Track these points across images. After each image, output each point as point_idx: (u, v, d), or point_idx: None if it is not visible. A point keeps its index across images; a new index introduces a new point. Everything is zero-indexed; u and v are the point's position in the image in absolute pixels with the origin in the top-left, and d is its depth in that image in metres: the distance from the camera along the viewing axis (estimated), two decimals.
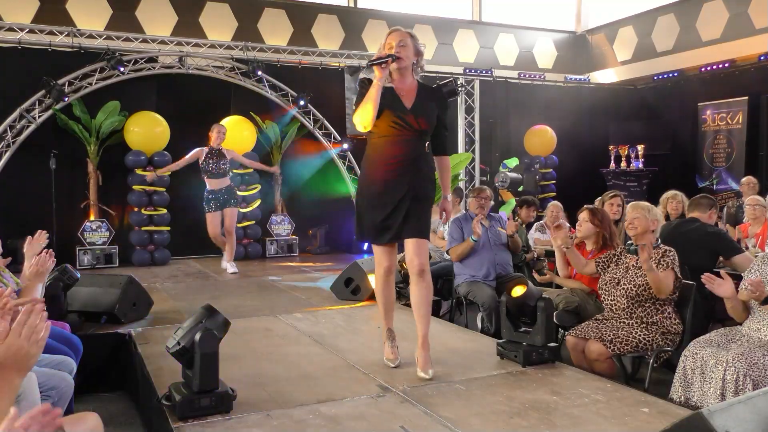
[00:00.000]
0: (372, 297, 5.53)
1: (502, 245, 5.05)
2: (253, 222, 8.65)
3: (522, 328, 3.43)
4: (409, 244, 3.29)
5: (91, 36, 8.08)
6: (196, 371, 2.60)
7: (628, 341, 3.42)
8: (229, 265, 7.13)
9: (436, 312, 5.27)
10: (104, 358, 4.16)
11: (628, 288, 3.56)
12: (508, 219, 5.21)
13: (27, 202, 7.56)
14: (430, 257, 5.85)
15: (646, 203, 3.82)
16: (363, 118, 3.21)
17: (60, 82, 7.51)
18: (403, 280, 5.62)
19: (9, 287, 2.96)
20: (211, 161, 6.89)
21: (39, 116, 7.55)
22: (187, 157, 6.95)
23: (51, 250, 3.11)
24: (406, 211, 3.26)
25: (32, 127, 7.51)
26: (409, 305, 5.21)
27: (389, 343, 3.47)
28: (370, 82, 3.25)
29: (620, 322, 3.56)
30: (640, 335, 3.44)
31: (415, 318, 3.36)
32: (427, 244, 3.35)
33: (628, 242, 3.77)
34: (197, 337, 2.58)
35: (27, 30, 7.83)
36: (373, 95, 3.16)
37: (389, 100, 3.25)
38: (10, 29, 7.81)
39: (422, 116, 3.27)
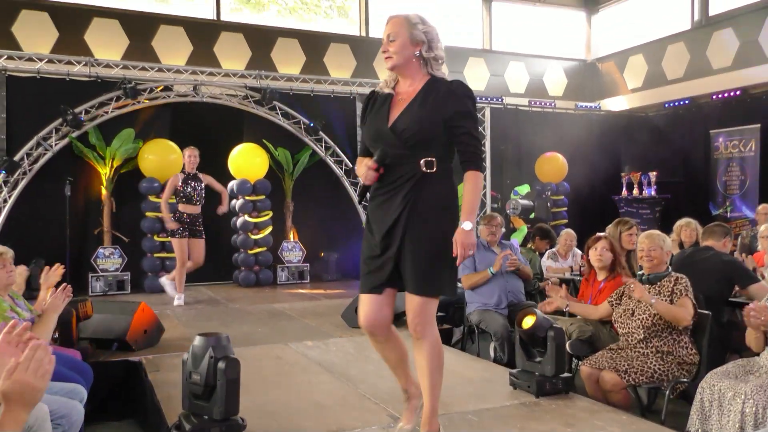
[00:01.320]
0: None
1: (513, 273, 5.02)
2: (265, 249, 8.66)
3: (536, 357, 3.39)
4: (406, 296, 2.59)
5: (108, 65, 8.24)
6: (218, 399, 2.58)
7: (643, 371, 3.37)
8: (177, 295, 6.78)
9: (447, 340, 5.23)
10: (114, 386, 4.14)
11: (643, 318, 3.52)
12: (509, 254, 5.11)
13: (42, 228, 7.64)
14: None
15: (660, 233, 3.78)
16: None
17: (77, 110, 7.64)
18: None
19: (24, 318, 2.97)
20: (188, 187, 6.69)
21: (56, 144, 7.67)
22: (166, 192, 6.75)
23: (69, 285, 3.14)
24: (396, 253, 2.53)
25: (49, 154, 7.63)
26: None
27: (405, 404, 2.87)
28: (373, 95, 2.73)
29: (635, 352, 3.50)
30: (655, 365, 3.39)
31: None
32: (428, 301, 2.55)
33: (640, 272, 3.73)
34: (221, 365, 2.58)
35: (46, 60, 8.00)
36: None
37: (379, 113, 2.64)
38: (30, 59, 7.98)
39: (406, 125, 2.53)
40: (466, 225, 2.49)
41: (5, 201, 7.40)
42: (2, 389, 1.55)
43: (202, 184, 6.82)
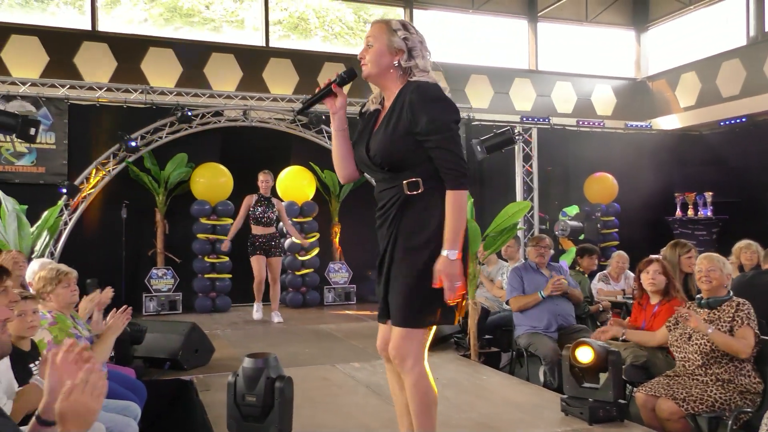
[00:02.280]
0: (429, 346, 5.44)
1: (563, 296, 4.92)
2: (312, 270, 8.74)
3: (585, 383, 3.30)
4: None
5: (162, 93, 8.55)
6: (275, 419, 2.61)
7: (703, 400, 3.22)
8: (275, 315, 7.17)
9: (495, 364, 5.14)
10: (166, 405, 4.22)
11: (701, 344, 3.37)
12: (556, 278, 4.98)
13: (100, 249, 7.92)
14: (488, 309, 5.73)
15: (719, 256, 3.63)
16: (335, 169, 2.55)
17: (133, 136, 7.93)
18: (462, 329, 5.53)
19: (83, 337, 3.08)
20: (259, 208, 7.05)
21: (113, 168, 7.97)
22: (241, 212, 7.15)
23: (129, 307, 3.23)
24: (386, 280, 2.37)
25: (107, 178, 7.93)
26: (467, 355, 5.12)
27: None
28: (361, 114, 2.51)
29: (693, 380, 3.36)
30: (716, 394, 3.24)
31: None
32: (408, 332, 2.31)
33: (698, 296, 3.60)
34: (279, 384, 2.60)
35: (105, 88, 8.36)
36: (333, 141, 2.48)
37: (364, 132, 2.44)
38: (90, 88, 8.36)
39: (376, 148, 2.33)
40: (449, 254, 2.21)
41: (66, 224, 7.70)
42: (59, 409, 1.60)
43: (275, 209, 7.12)
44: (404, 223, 2.31)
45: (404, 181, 2.29)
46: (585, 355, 3.26)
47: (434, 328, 2.40)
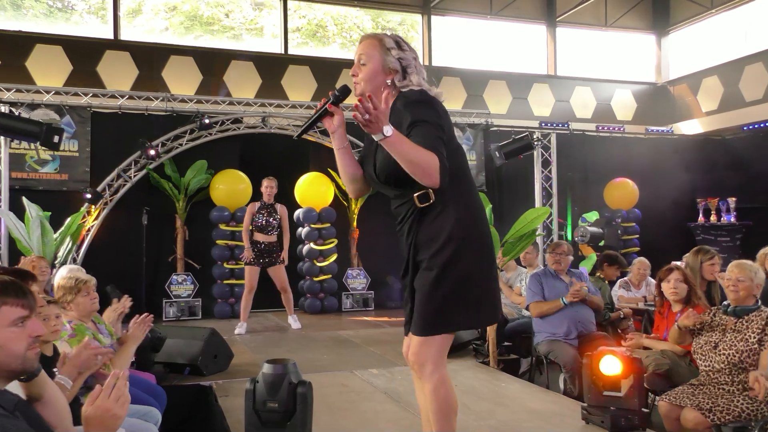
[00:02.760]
0: (447, 353, 5.41)
1: (583, 302, 4.87)
2: (330, 276, 8.75)
3: (606, 391, 3.25)
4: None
5: (183, 100, 8.65)
6: (297, 423, 2.61)
7: (729, 410, 3.16)
8: (291, 319, 7.12)
9: (514, 371, 5.10)
10: (186, 410, 4.23)
11: (729, 353, 3.30)
12: (577, 285, 4.94)
13: (121, 255, 8.01)
14: (507, 317, 5.69)
15: (753, 264, 3.53)
16: (347, 189, 2.59)
17: (154, 143, 8.03)
18: (480, 336, 5.50)
19: (105, 345, 3.11)
20: (261, 215, 6.89)
21: (134, 175, 8.07)
22: (246, 220, 6.97)
23: (150, 315, 3.25)
24: (411, 292, 2.42)
25: (128, 185, 8.02)
26: (486, 362, 5.08)
27: None
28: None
29: (719, 389, 3.29)
30: (743, 404, 3.17)
31: None
32: (425, 340, 2.34)
33: (724, 303, 3.53)
34: (301, 390, 2.61)
35: (127, 96, 8.48)
36: (337, 161, 2.47)
37: (371, 146, 2.44)
38: (112, 96, 8.48)
39: (379, 166, 2.36)
40: (387, 129, 2.08)
41: (88, 230, 7.81)
42: (86, 414, 1.62)
43: (278, 216, 6.98)
44: (420, 235, 2.33)
45: (415, 195, 2.30)
46: (610, 364, 3.20)
47: (453, 336, 2.41)
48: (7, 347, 1.66)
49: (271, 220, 6.93)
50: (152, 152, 7.86)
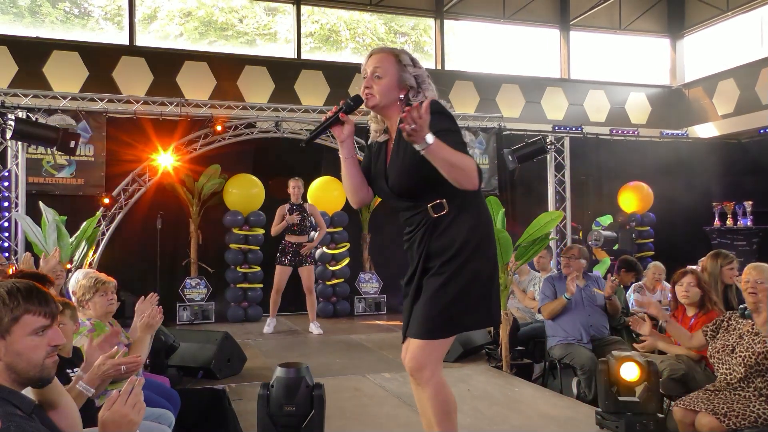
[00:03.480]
0: (460, 357, 5.40)
1: (597, 306, 4.84)
2: (342, 280, 8.76)
3: (621, 396, 3.23)
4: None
5: (197, 105, 8.71)
6: (314, 425, 2.63)
7: (745, 415, 3.12)
8: (313, 326, 7.14)
9: (527, 375, 5.07)
10: (199, 413, 4.26)
11: (745, 356, 3.26)
12: (606, 278, 5.00)
13: (135, 259, 8.08)
14: (519, 322, 5.66)
15: None
16: (347, 196, 2.57)
17: (168, 148, 8.08)
18: (494, 341, 5.47)
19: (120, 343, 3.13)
20: (293, 217, 6.97)
21: (149, 180, 8.13)
22: (278, 219, 7.03)
23: (160, 306, 3.27)
24: (413, 300, 2.41)
25: (142, 190, 8.09)
26: (498, 367, 5.06)
27: None
28: (369, 146, 2.54)
29: (735, 394, 3.26)
30: (759, 409, 3.13)
31: None
32: (425, 344, 2.34)
33: (741, 306, 3.49)
34: (317, 392, 2.62)
35: (142, 102, 8.56)
36: (342, 171, 2.49)
37: (377, 164, 2.48)
38: (128, 101, 8.57)
39: (394, 179, 2.39)
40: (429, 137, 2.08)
41: (103, 234, 7.88)
42: (103, 418, 1.64)
43: (309, 216, 7.06)
44: (433, 244, 2.34)
45: (428, 205, 2.33)
46: (627, 369, 3.18)
47: (452, 340, 2.47)
48: (26, 355, 1.67)
49: (303, 221, 7.01)
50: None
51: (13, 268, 4.58)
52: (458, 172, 2.16)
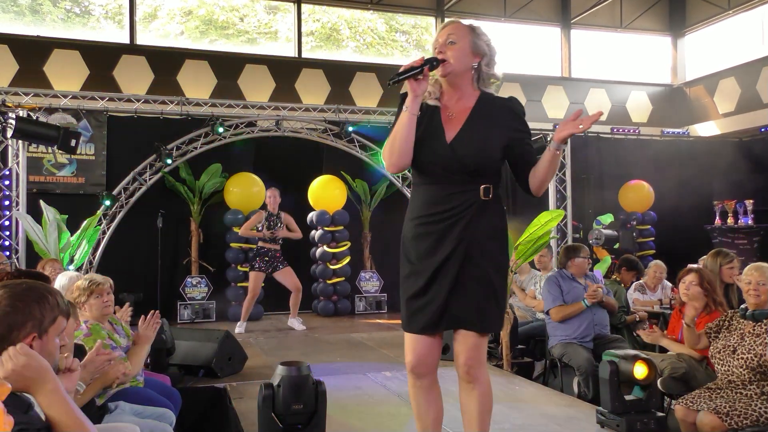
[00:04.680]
0: None
1: (599, 305, 4.84)
2: (343, 279, 8.76)
3: (626, 394, 3.23)
4: (457, 335, 2.34)
5: (197, 104, 8.71)
6: (320, 422, 2.64)
7: (747, 415, 3.11)
8: (295, 321, 7.25)
9: (528, 374, 5.07)
10: (200, 412, 4.26)
11: (747, 357, 3.26)
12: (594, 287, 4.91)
13: (136, 258, 8.09)
14: (519, 320, 5.66)
15: None
16: (390, 156, 2.29)
17: (169, 146, 8.09)
18: (494, 339, 5.47)
19: (120, 346, 3.14)
20: (267, 225, 7.05)
21: (150, 179, 8.13)
22: (249, 222, 7.14)
23: (157, 311, 3.26)
24: (450, 287, 2.26)
25: (143, 188, 8.09)
26: (499, 365, 5.06)
27: None
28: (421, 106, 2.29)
29: (737, 393, 3.25)
30: (761, 408, 3.13)
31: None
32: (483, 339, 2.33)
33: (742, 306, 3.48)
34: (323, 389, 2.63)
35: (142, 100, 8.56)
36: (403, 125, 2.24)
37: (429, 127, 2.31)
38: (128, 100, 8.56)
39: (468, 149, 2.26)
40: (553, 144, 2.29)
41: (104, 233, 7.88)
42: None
43: (282, 224, 7.12)
44: (480, 228, 2.28)
45: (481, 186, 2.28)
46: (640, 370, 3.18)
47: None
48: (53, 356, 1.73)
49: (276, 231, 7.06)
50: (169, 161, 7.93)
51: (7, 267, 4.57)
52: (552, 175, 2.32)
